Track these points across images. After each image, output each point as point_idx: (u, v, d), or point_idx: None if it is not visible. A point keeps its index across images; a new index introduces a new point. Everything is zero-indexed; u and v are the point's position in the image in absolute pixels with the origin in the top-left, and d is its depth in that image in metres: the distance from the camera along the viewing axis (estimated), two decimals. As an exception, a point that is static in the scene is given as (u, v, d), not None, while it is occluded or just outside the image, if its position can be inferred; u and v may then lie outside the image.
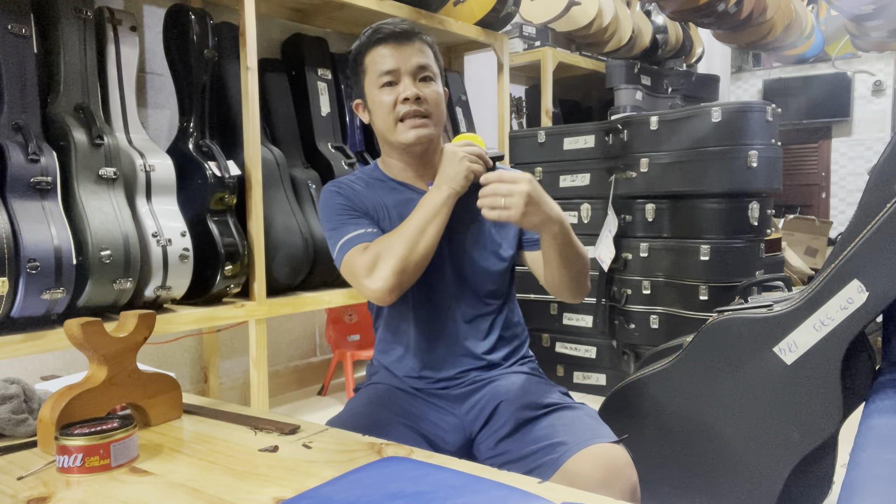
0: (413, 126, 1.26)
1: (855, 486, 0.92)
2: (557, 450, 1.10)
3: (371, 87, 1.28)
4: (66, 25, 1.96)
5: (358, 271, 1.20)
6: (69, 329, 1.01)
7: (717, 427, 1.50)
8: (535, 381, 1.31)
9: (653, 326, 2.61)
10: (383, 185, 1.34)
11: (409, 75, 1.26)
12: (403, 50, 1.26)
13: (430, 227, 1.19)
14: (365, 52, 1.29)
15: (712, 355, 1.51)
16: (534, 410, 1.20)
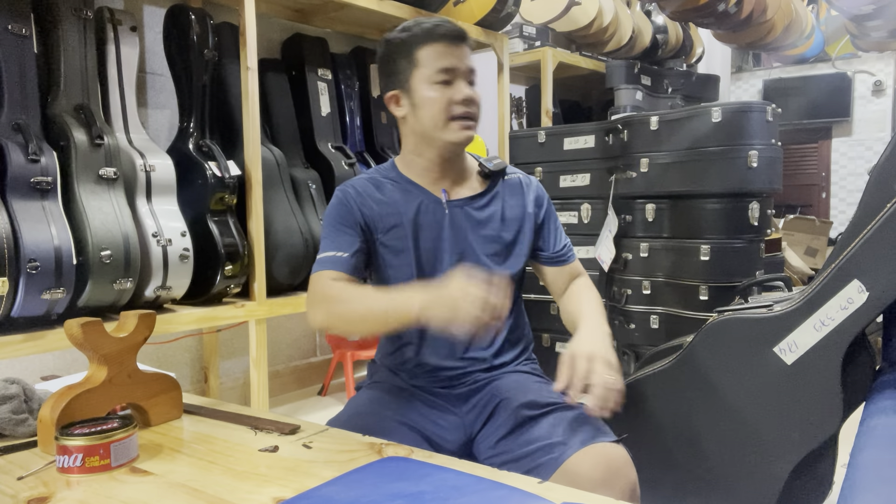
0: (464, 127, 1.26)
1: (855, 486, 0.92)
2: (556, 449, 1.11)
3: (422, 82, 1.26)
4: (66, 25, 1.96)
5: (311, 295, 1.23)
6: (69, 329, 1.01)
7: (717, 427, 1.50)
8: (535, 381, 1.32)
9: (653, 326, 2.61)
10: (396, 186, 1.33)
11: (463, 77, 1.27)
12: (461, 50, 1.27)
13: (379, 324, 1.15)
14: (418, 45, 1.26)
15: (712, 355, 1.51)
16: (533, 410, 1.21)
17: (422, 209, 1.31)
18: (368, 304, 1.15)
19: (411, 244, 1.29)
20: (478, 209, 1.34)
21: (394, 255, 1.30)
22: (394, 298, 1.10)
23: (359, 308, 1.15)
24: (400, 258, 1.30)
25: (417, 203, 1.31)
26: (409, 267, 1.30)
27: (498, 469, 0.93)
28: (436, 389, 1.32)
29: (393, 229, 1.30)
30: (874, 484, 0.91)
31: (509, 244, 1.35)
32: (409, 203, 1.31)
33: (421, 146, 1.31)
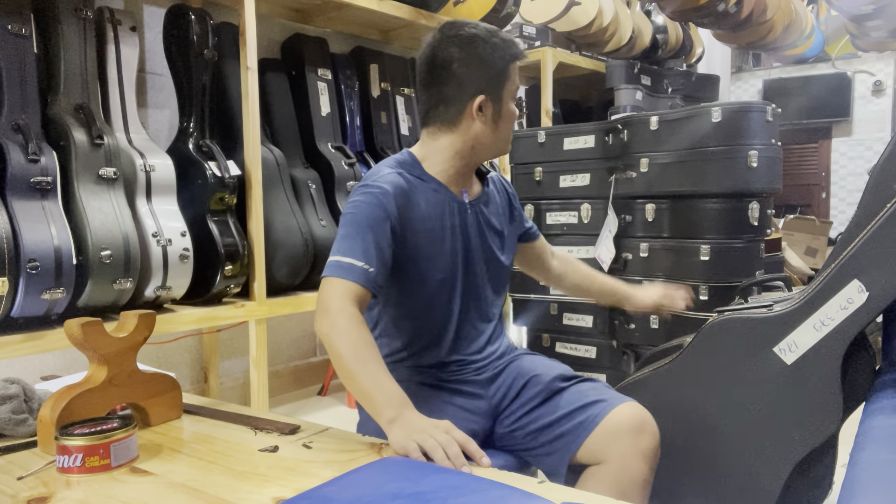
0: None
1: (855, 486, 0.92)
2: (595, 407, 1.25)
3: (508, 97, 1.33)
4: (66, 25, 1.96)
5: (323, 305, 1.16)
6: (69, 329, 1.01)
7: (717, 427, 1.50)
8: (545, 358, 1.44)
9: (653, 326, 2.61)
10: (425, 186, 1.32)
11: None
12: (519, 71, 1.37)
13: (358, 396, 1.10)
14: (512, 60, 1.32)
15: (712, 355, 1.51)
16: (564, 382, 1.33)
17: (452, 211, 1.34)
18: (357, 377, 1.09)
19: (448, 246, 1.32)
20: (486, 208, 1.42)
21: (428, 259, 1.30)
22: (375, 396, 1.06)
23: (348, 371, 1.09)
24: (436, 260, 1.31)
25: (447, 205, 1.33)
26: (447, 267, 1.33)
27: (500, 469, 0.93)
28: (467, 378, 1.36)
29: (429, 232, 1.30)
30: (874, 484, 0.91)
31: (507, 237, 1.46)
32: (440, 205, 1.32)
33: (469, 153, 1.34)
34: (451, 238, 1.33)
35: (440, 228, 1.32)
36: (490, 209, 1.42)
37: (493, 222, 1.42)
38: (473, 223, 1.37)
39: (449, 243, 1.33)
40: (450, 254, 1.33)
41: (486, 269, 1.40)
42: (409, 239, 1.27)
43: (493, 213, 1.43)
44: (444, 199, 1.33)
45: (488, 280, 1.41)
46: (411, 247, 1.28)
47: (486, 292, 1.41)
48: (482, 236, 1.39)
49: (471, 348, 1.38)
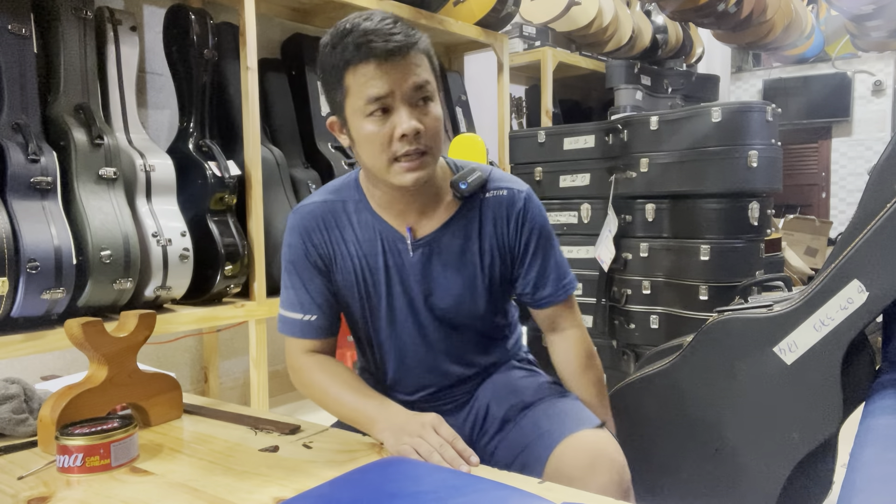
0: (410, 168, 1.03)
1: (855, 486, 0.92)
2: (541, 443, 1.07)
3: (355, 114, 1.03)
4: (66, 25, 1.96)
5: (288, 365, 1.21)
6: (69, 329, 1.01)
7: (716, 427, 1.50)
8: (520, 375, 1.25)
9: (653, 326, 2.61)
10: (357, 216, 1.15)
11: (404, 101, 1.01)
12: (398, 68, 1.00)
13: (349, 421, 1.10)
14: (344, 67, 1.01)
15: (712, 355, 1.51)
16: (519, 410, 1.16)
17: (386, 249, 1.13)
18: (340, 410, 1.11)
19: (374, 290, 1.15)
20: (448, 245, 1.14)
21: (354, 302, 1.17)
22: (359, 415, 1.06)
23: (331, 404, 1.13)
24: (359, 304, 1.17)
25: (379, 242, 1.13)
26: (374, 316, 1.17)
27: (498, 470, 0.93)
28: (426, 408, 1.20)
29: (357, 271, 1.15)
30: (874, 484, 0.91)
31: (488, 283, 1.17)
32: (370, 242, 1.14)
33: (374, 180, 1.11)
34: (387, 282, 1.14)
35: (374, 269, 1.14)
36: (459, 243, 1.14)
37: (461, 260, 1.14)
38: (423, 266, 1.13)
39: (384, 287, 1.15)
40: (386, 298, 1.15)
41: (445, 315, 1.16)
42: (340, 279, 1.16)
43: (465, 248, 1.14)
44: (378, 235, 1.13)
45: (455, 326, 1.18)
46: (343, 286, 1.16)
47: (452, 338, 1.19)
48: (443, 284, 1.14)
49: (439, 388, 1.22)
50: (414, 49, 1.02)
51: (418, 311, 1.16)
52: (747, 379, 1.45)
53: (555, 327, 1.25)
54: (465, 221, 1.15)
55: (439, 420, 1.01)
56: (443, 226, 1.14)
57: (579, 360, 1.23)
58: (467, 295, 1.16)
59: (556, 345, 1.25)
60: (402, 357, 1.20)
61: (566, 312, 1.24)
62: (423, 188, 1.10)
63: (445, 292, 1.15)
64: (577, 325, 1.25)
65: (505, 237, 1.16)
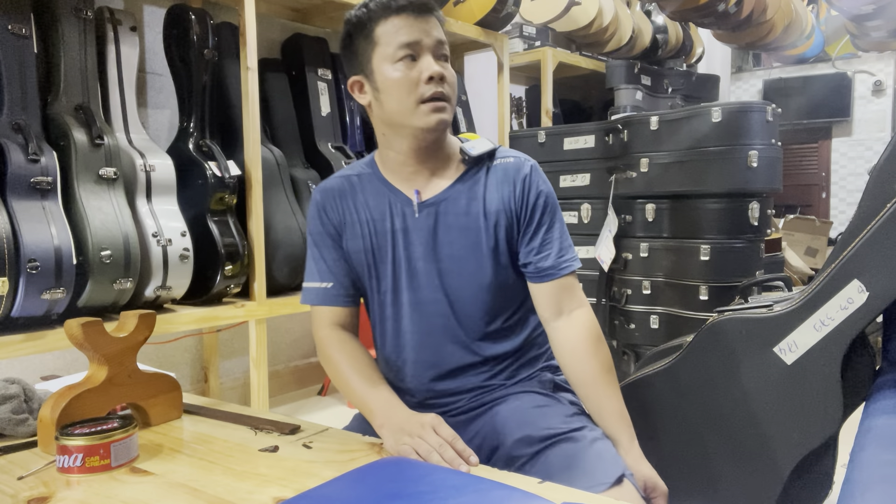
0: (434, 109, 1.09)
1: (855, 486, 0.92)
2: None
3: (383, 62, 1.10)
4: (66, 25, 1.96)
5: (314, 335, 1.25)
6: (69, 329, 1.01)
7: (716, 427, 1.50)
8: (535, 405, 1.16)
9: (653, 326, 2.61)
10: (369, 186, 1.20)
11: (430, 51, 1.10)
12: (424, 22, 1.10)
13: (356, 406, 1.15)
14: (376, 20, 1.11)
15: (712, 355, 1.51)
16: (528, 447, 1.07)
17: (392, 213, 1.17)
18: (350, 392, 1.15)
19: (390, 254, 1.18)
20: (453, 206, 1.16)
21: (370, 266, 1.20)
22: (364, 404, 1.10)
23: (342, 385, 1.17)
24: (379, 268, 1.19)
25: (387, 207, 1.18)
26: (391, 278, 1.18)
27: (498, 470, 0.93)
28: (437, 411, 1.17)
29: (368, 237, 1.18)
30: (874, 484, 0.91)
31: (493, 247, 1.16)
32: (378, 207, 1.18)
33: (391, 137, 1.16)
34: (393, 245, 1.17)
35: (383, 232, 1.17)
36: (463, 206, 1.16)
37: (464, 223, 1.16)
38: (428, 227, 1.16)
39: (390, 251, 1.17)
40: (392, 262, 1.18)
41: (449, 283, 1.16)
42: (350, 244, 1.20)
43: (468, 212, 1.16)
44: (386, 200, 1.18)
45: (462, 295, 1.17)
46: (353, 251, 1.20)
47: (460, 309, 1.17)
48: (434, 243, 1.16)
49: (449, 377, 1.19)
50: (436, 12, 1.14)
51: (421, 276, 1.17)
52: (747, 379, 1.45)
53: (559, 310, 1.16)
54: (472, 183, 1.17)
55: (439, 420, 1.01)
56: (448, 187, 1.17)
57: (584, 343, 1.14)
58: (472, 257, 1.16)
59: (558, 331, 1.16)
60: (402, 331, 1.20)
61: (569, 292, 1.17)
62: (433, 150, 1.16)
63: (449, 252, 1.16)
64: (581, 304, 1.17)
65: (511, 200, 1.16)
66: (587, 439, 1.08)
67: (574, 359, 1.15)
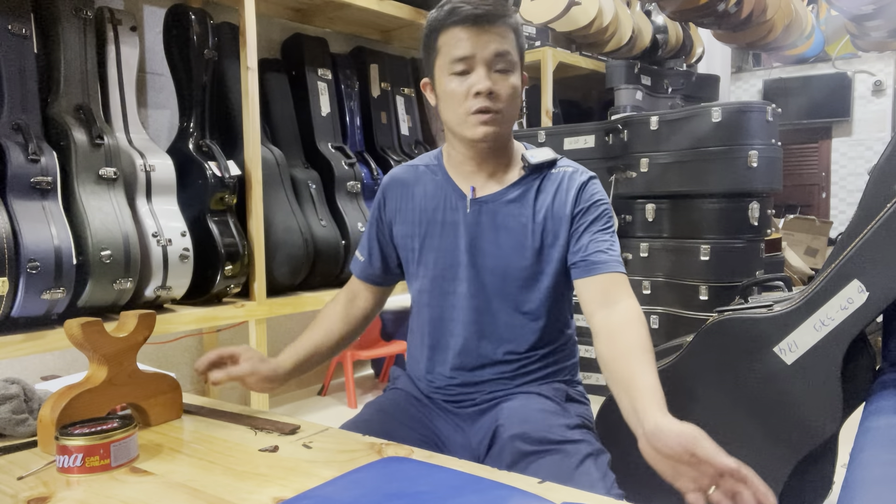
0: (482, 122, 1.13)
1: (855, 486, 0.92)
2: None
3: (442, 72, 1.16)
4: (66, 25, 1.96)
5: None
6: (69, 329, 1.01)
7: (716, 427, 1.50)
8: (541, 408, 1.15)
9: (653, 326, 2.61)
10: (432, 178, 1.25)
11: (484, 64, 1.12)
12: (483, 34, 1.12)
13: None
14: (440, 30, 1.14)
15: (712, 355, 1.51)
16: (527, 444, 1.07)
17: (445, 206, 1.22)
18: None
19: (441, 243, 1.22)
20: (504, 206, 1.19)
21: (420, 251, 1.24)
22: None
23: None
24: (427, 255, 1.24)
25: (442, 199, 1.22)
26: (442, 264, 1.22)
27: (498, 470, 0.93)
28: (445, 405, 1.25)
29: (420, 224, 1.24)
30: (874, 484, 0.91)
31: (538, 249, 1.18)
32: (434, 198, 1.23)
33: (451, 139, 1.22)
34: (441, 235, 1.22)
35: (434, 222, 1.23)
36: (514, 209, 1.19)
37: (512, 225, 1.19)
38: (476, 223, 1.20)
39: (437, 240, 1.22)
40: (436, 251, 1.22)
41: (487, 279, 1.20)
42: (401, 229, 1.27)
43: (519, 215, 1.19)
44: (443, 193, 1.23)
45: (497, 293, 1.20)
46: (402, 236, 1.27)
47: (493, 306, 1.20)
48: (492, 241, 1.19)
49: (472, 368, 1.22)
50: (501, 21, 1.13)
51: (462, 269, 1.20)
52: (747, 379, 1.45)
53: (606, 300, 1.11)
54: (526, 188, 1.20)
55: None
56: (503, 189, 1.20)
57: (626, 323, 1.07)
58: (513, 258, 1.18)
59: (602, 319, 1.09)
60: (438, 320, 1.24)
61: (618, 286, 1.12)
62: (494, 153, 1.20)
63: (492, 251, 1.19)
64: (630, 296, 1.12)
65: (563, 205, 1.18)
66: (580, 454, 1.06)
67: (609, 336, 1.07)
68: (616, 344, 1.05)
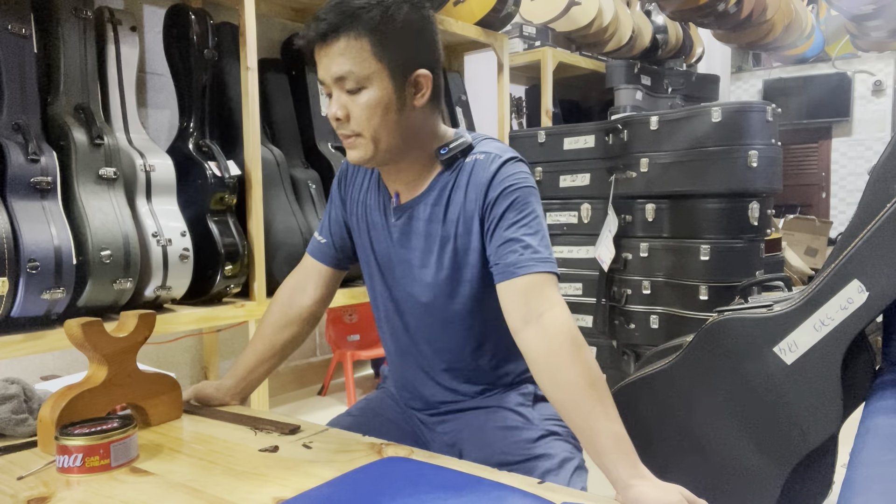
0: (347, 146, 1.05)
1: (855, 486, 0.92)
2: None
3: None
4: (66, 25, 1.96)
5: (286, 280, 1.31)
6: (69, 329, 1.01)
7: (717, 427, 1.50)
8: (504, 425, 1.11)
9: (653, 326, 2.61)
10: (374, 176, 1.18)
11: (336, 86, 1.01)
12: (324, 57, 0.99)
13: None
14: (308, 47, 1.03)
15: (712, 355, 1.51)
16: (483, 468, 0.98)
17: (380, 209, 1.16)
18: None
19: (370, 251, 1.19)
20: (422, 210, 1.10)
21: (357, 247, 1.22)
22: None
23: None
24: (359, 253, 1.22)
25: (376, 199, 1.17)
26: (373, 274, 1.20)
27: (498, 470, 0.93)
28: (411, 408, 1.24)
29: (361, 226, 1.20)
30: (874, 484, 0.91)
31: (452, 257, 1.08)
32: (373, 199, 1.17)
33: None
34: (375, 240, 1.17)
35: (373, 224, 1.17)
36: (429, 210, 1.09)
37: (431, 228, 1.09)
38: (399, 231, 1.12)
39: (381, 243, 1.16)
40: (375, 254, 1.18)
41: (416, 289, 1.13)
42: (350, 220, 1.23)
43: (434, 216, 1.08)
44: (379, 195, 1.16)
45: (423, 306, 1.13)
46: (353, 228, 1.22)
47: (418, 315, 1.14)
48: (412, 249, 1.11)
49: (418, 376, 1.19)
50: (342, 33, 0.97)
51: (397, 277, 1.15)
52: (747, 379, 1.45)
53: (527, 314, 0.96)
54: (441, 188, 1.08)
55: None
56: (422, 193, 1.10)
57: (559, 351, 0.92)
58: (432, 265, 1.09)
59: (527, 341, 0.96)
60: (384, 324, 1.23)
61: (538, 291, 0.97)
62: (395, 166, 1.09)
63: (416, 259, 1.11)
64: (553, 305, 0.96)
65: (474, 203, 1.05)
66: (539, 471, 1.02)
67: (547, 371, 0.93)
68: (560, 385, 0.92)
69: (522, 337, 0.97)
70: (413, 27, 1.01)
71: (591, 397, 0.89)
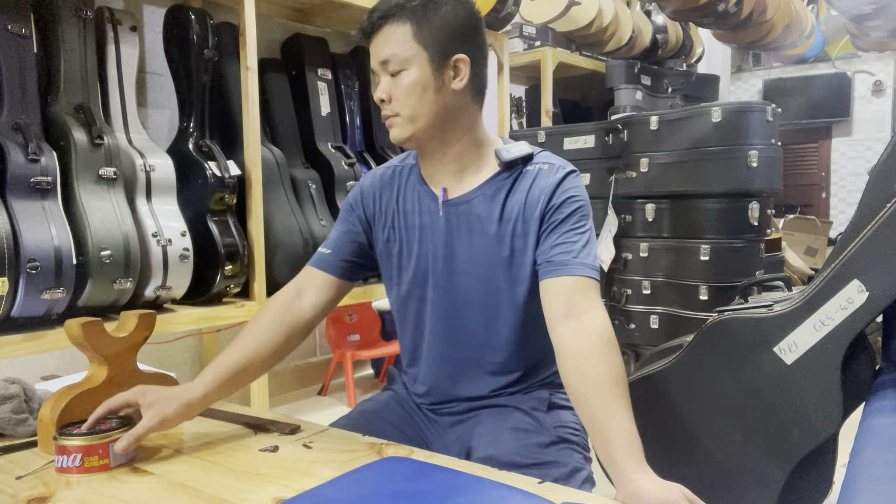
0: (388, 127, 1.13)
1: (855, 486, 0.92)
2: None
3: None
4: (66, 25, 1.96)
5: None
6: (69, 329, 1.01)
7: (716, 427, 1.50)
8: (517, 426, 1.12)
9: (653, 326, 2.61)
10: (408, 180, 1.21)
11: (383, 72, 1.10)
12: (376, 41, 1.10)
13: None
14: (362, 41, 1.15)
15: (712, 355, 1.51)
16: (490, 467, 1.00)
17: (421, 209, 1.18)
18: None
19: (416, 250, 1.18)
20: (476, 208, 1.13)
21: (397, 256, 1.21)
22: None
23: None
24: (403, 262, 1.20)
25: (417, 202, 1.18)
26: (416, 272, 1.19)
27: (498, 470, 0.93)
28: (427, 410, 1.24)
29: (399, 229, 1.20)
30: (874, 484, 0.91)
31: (508, 255, 1.12)
32: (410, 201, 1.19)
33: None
34: (419, 241, 1.18)
35: (410, 227, 1.18)
36: (485, 209, 1.12)
37: (484, 226, 1.12)
38: (448, 227, 1.15)
39: (416, 246, 1.18)
40: (415, 258, 1.18)
41: (461, 285, 1.14)
42: (380, 234, 1.22)
43: (490, 216, 1.12)
44: (417, 195, 1.19)
45: (469, 300, 1.15)
46: (382, 241, 1.22)
47: (465, 314, 1.16)
48: (466, 245, 1.14)
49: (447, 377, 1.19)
50: (386, 22, 1.09)
51: (439, 275, 1.16)
52: (747, 379, 1.45)
53: (568, 311, 1.01)
54: (498, 187, 1.13)
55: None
56: (474, 189, 1.14)
57: (592, 348, 0.97)
58: (484, 263, 1.12)
59: (563, 335, 1.00)
60: (418, 327, 1.21)
61: (583, 293, 1.02)
62: (441, 151, 1.14)
63: (465, 255, 1.14)
64: (595, 307, 1.02)
65: (535, 204, 1.10)
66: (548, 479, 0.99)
67: (577, 365, 0.97)
68: (587, 377, 0.95)
69: (559, 331, 1.02)
70: (455, 16, 1.10)
71: (615, 394, 0.93)
